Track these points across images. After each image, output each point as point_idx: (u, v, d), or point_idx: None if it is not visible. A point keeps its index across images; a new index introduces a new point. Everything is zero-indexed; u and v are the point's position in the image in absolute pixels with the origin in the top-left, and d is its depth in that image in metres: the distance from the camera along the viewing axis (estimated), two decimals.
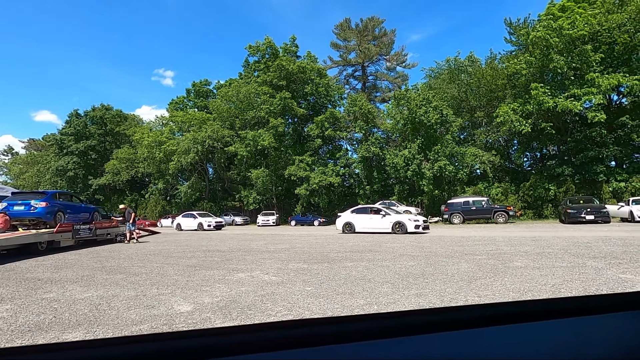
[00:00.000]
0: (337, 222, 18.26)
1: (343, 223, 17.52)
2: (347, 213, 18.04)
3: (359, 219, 17.11)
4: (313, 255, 9.18)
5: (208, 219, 26.28)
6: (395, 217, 16.46)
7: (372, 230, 16.51)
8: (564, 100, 21.69)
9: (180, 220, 27.55)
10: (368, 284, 5.22)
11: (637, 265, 5.96)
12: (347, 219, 17.55)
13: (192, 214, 27.57)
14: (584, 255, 7.36)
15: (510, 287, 4.72)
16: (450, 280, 5.32)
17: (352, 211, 18.04)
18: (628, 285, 4.63)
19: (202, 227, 25.62)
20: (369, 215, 16.99)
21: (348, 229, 17.23)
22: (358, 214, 17.47)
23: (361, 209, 18.21)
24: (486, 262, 7.01)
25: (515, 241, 11.06)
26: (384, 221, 16.27)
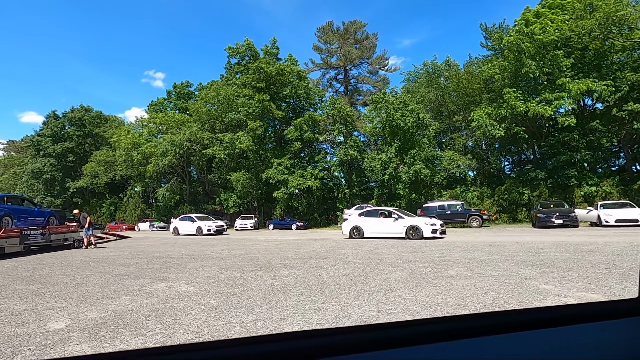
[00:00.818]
0: (343, 226, 16.88)
1: (350, 227, 16.10)
2: (355, 216, 16.80)
3: (368, 223, 15.70)
4: (258, 262, 8.85)
5: (208, 223, 23.84)
6: (410, 220, 14.88)
7: (383, 235, 15.11)
8: (535, 105, 21.83)
9: (177, 224, 25.22)
10: (278, 296, 4.92)
11: (567, 275, 5.79)
12: (355, 222, 16.16)
13: (190, 217, 25.02)
14: (524, 263, 7.18)
15: (419, 301, 4.47)
16: (366, 292, 5.04)
17: (360, 214, 16.71)
18: (541, 297, 4.42)
19: (201, 232, 23.20)
20: (379, 219, 15.54)
21: (356, 234, 15.81)
22: (367, 217, 16.07)
23: (370, 212, 16.74)
24: (422, 270, 6.77)
25: (472, 247, 10.89)
26: (397, 225, 14.81)
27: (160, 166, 36.14)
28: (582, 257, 7.68)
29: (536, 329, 0.85)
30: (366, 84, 42.00)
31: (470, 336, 0.82)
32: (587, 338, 0.88)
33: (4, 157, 71.82)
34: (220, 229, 24.15)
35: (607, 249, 9.11)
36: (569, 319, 0.91)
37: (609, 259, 7.37)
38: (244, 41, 34.59)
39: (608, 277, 5.43)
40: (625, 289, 4.67)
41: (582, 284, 5.04)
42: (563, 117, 21.64)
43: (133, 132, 41.79)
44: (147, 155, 38.67)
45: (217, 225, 24.04)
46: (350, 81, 43.25)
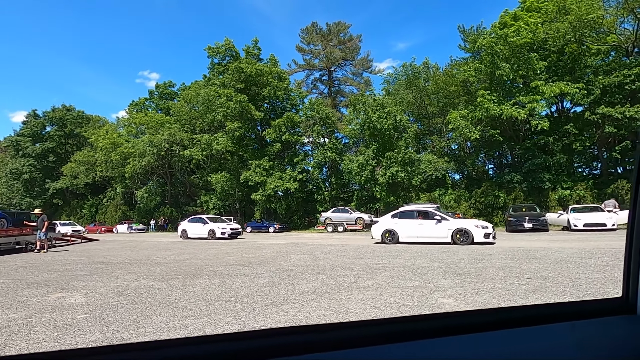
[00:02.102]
0: (372, 230, 14.63)
1: (382, 230, 13.93)
2: (387, 217, 14.46)
3: (403, 226, 13.56)
4: (190, 269, 8.40)
5: (221, 225, 20.81)
6: (456, 222, 12.94)
7: (423, 240, 13.05)
8: (508, 108, 21.65)
9: (186, 226, 22.20)
10: (159, 310, 4.51)
11: (482, 286, 5.44)
12: (388, 225, 13.96)
13: (201, 219, 21.90)
14: (454, 272, 6.84)
15: (298, 317, 4.08)
16: (254, 306, 4.64)
17: (392, 215, 14.35)
18: (430, 312, 4.05)
19: (214, 235, 20.09)
20: (418, 221, 13.38)
21: (389, 239, 13.66)
22: (401, 219, 13.83)
23: (405, 213, 14.29)
24: (341, 279, 6.39)
25: (423, 253, 10.55)
26: (440, 228, 12.80)
27: (138, 167, 35.42)
28: (519, 265, 7.36)
29: (522, 326, 0.85)
30: (349, 86, 41.78)
31: (453, 334, 0.80)
32: (572, 336, 0.87)
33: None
34: (236, 232, 21.30)
35: (554, 255, 8.82)
36: (555, 317, 0.90)
37: (544, 266, 7.06)
38: (224, 41, 34.13)
39: (520, 289, 5.09)
40: (524, 301, 4.32)
41: (487, 297, 4.69)
42: (536, 120, 21.47)
43: (112, 132, 40.95)
44: (126, 156, 37.97)
45: (232, 227, 21.20)
46: (334, 83, 42.97)
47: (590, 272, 6.30)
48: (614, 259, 7.86)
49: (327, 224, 27.07)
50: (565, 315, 0.94)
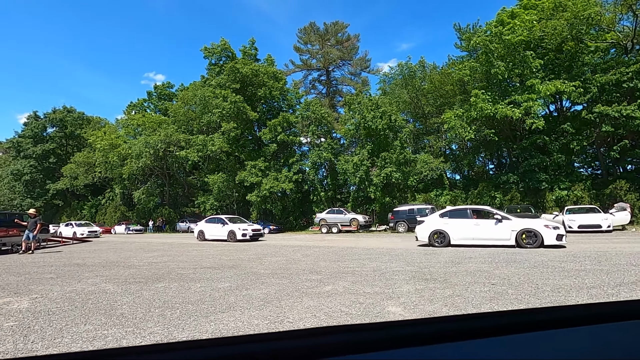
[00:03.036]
0: (417, 231, 13.02)
1: (430, 232, 12.40)
2: (434, 217, 12.86)
3: (455, 226, 12.02)
4: (160, 273, 8.20)
5: (242, 226, 19.11)
6: (522, 222, 11.35)
7: (480, 242, 11.58)
8: (503, 107, 21.24)
9: (203, 227, 20.68)
10: (87, 318, 4.31)
11: (441, 293, 5.18)
12: (436, 225, 12.40)
13: (220, 219, 20.24)
14: (423, 278, 6.58)
15: (227, 328, 3.85)
16: (191, 313, 4.43)
17: (441, 214, 12.69)
18: (372, 320, 3.80)
19: (234, 237, 18.51)
20: (473, 220, 11.83)
21: (439, 241, 12.19)
22: (453, 219, 12.25)
23: (457, 212, 12.66)
24: (303, 284, 6.15)
25: (400, 255, 10.28)
26: (502, 229, 11.23)
27: (135, 168, 35.44)
28: (492, 270, 7.08)
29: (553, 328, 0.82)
30: (347, 86, 41.48)
31: (484, 336, 0.78)
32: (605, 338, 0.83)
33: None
34: (257, 234, 19.57)
35: (535, 259, 8.51)
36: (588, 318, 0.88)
37: (518, 271, 6.77)
38: (220, 41, 34.02)
39: (478, 297, 4.82)
40: (476, 310, 4.05)
41: (438, 306, 4.43)
42: (531, 120, 21.04)
43: (110, 133, 41.05)
44: (124, 157, 38.04)
45: (254, 229, 19.49)
46: (332, 83, 42.71)
47: (561, 277, 6.00)
48: (595, 263, 7.54)
49: (321, 225, 26.84)
50: (597, 316, 0.89)
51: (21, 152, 50.20)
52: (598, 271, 6.50)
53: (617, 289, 4.96)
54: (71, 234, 28.70)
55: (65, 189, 49.10)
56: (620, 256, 8.49)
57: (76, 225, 30.61)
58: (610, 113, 19.97)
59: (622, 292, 4.79)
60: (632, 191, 20.82)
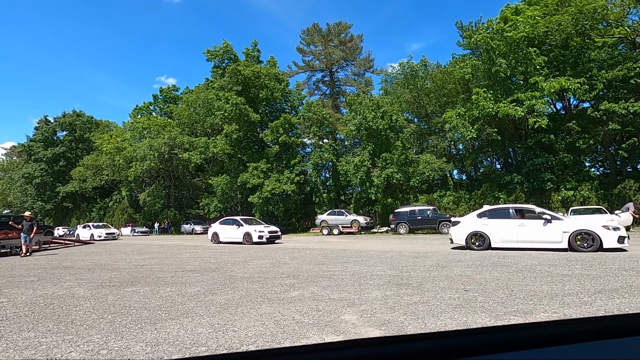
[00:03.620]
0: (452, 232, 11.90)
1: (468, 233, 11.22)
2: (471, 217, 11.62)
3: (496, 227, 10.83)
4: (139, 276, 8.12)
5: (258, 228, 18.14)
6: (576, 223, 10.25)
7: (525, 245, 10.44)
8: (505, 106, 20.70)
9: (217, 229, 19.63)
10: (25, 325, 4.21)
11: (406, 300, 4.93)
12: (475, 226, 11.16)
13: (235, 221, 19.21)
14: (393, 283, 6.33)
15: (168, 338, 3.69)
16: (133, 322, 4.28)
17: (479, 214, 11.41)
18: (332, 329, 3.59)
19: (250, 239, 17.56)
20: (517, 221, 10.64)
21: (478, 244, 11.01)
22: (493, 219, 11.02)
23: (497, 211, 11.31)
24: (271, 290, 5.97)
25: (377, 257, 10.02)
26: (552, 230, 10.08)
27: (139, 171, 35.81)
28: (474, 274, 6.78)
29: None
30: (351, 87, 41.16)
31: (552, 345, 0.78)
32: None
33: (4, 161, 73.10)
34: (275, 236, 18.47)
35: (524, 262, 8.18)
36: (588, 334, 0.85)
37: (499, 276, 6.47)
38: (222, 44, 34.14)
39: (443, 304, 4.56)
40: (435, 319, 3.80)
41: (396, 314, 4.20)
42: (534, 118, 20.45)
43: (116, 136, 41.63)
44: (130, 160, 38.50)
45: (271, 231, 18.39)
46: (335, 83, 42.49)
47: (542, 283, 5.69)
48: (586, 267, 7.18)
49: (322, 227, 26.63)
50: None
51: (32, 156, 51.30)
52: (584, 276, 6.16)
53: (594, 296, 4.64)
54: (88, 236, 28.29)
55: (75, 192, 49.92)
56: (616, 260, 8.08)
57: (93, 227, 29.85)
58: (617, 110, 19.27)
59: (598, 300, 4.48)
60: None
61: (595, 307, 4.14)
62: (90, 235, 28.20)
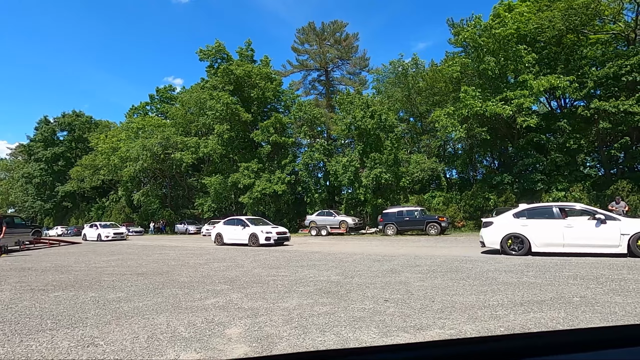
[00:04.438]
0: (483, 234, 10.52)
1: (503, 235, 9.90)
2: (507, 217, 10.26)
3: (538, 229, 9.53)
4: (91, 277, 7.92)
5: (265, 229, 16.79)
6: (637, 224, 8.89)
7: (574, 250, 9.12)
8: (493, 105, 20.17)
9: (221, 230, 18.36)
10: None
11: (316, 310, 4.62)
12: (511, 227, 9.86)
13: (240, 221, 17.87)
14: (322, 290, 6.02)
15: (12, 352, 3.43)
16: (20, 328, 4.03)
17: (516, 214, 10.10)
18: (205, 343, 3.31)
19: (257, 241, 16.27)
20: (563, 221, 9.42)
21: (516, 248, 9.69)
22: (532, 219, 9.74)
23: (538, 210, 10.07)
24: (189, 297, 5.70)
25: (339, 261, 9.69)
26: (607, 232, 8.84)
27: (132, 171, 35.88)
28: (415, 282, 6.44)
29: None
30: (346, 86, 40.70)
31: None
32: None
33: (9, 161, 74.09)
34: (283, 237, 17.11)
35: (480, 267, 7.81)
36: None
37: (441, 283, 6.12)
38: (215, 43, 33.98)
39: (320, 319, 4.24)
40: (303, 335, 3.49)
41: (286, 328, 3.89)
42: (522, 117, 19.88)
43: (111, 136, 41.79)
44: (124, 160, 38.59)
45: (279, 232, 17.06)
46: (331, 83, 42.14)
47: (474, 292, 5.33)
48: (538, 274, 6.79)
49: (311, 228, 26.35)
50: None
51: (32, 156, 51.79)
52: (525, 285, 5.78)
53: (509, 309, 4.28)
54: (95, 236, 26.90)
55: (74, 192, 50.30)
56: (577, 267, 7.66)
57: (101, 226, 28.02)
58: (607, 108, 18.63)
59: (511, 314, 4.11)
60: (634, 192, 19.42)
61: (502, 321, 3.79)
62: (98, 235, 26.80)
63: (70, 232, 44.30)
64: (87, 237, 27.62)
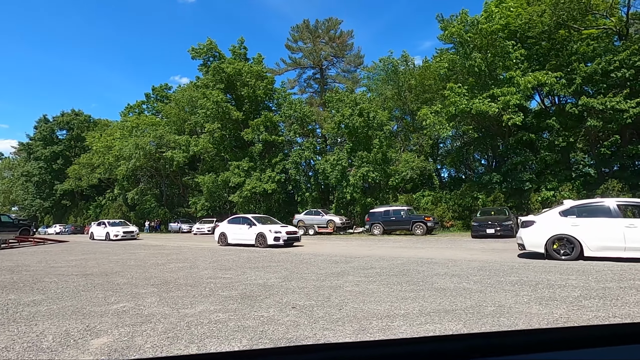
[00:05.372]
0: (523, 235, 9.04)
1: (549, 237, 8.53)
2: (551, 215, 8.88)
3: (592, 229, 8.19)
4: (28, 277, 7.76)
5: (274, 228, 15.35)
6: None
7: (638, 255, 7.72)
8: (479, 102, 19.68)
9: (225, 229, 16.99)
10: None
11: (213, 318, 4.37)
12: (558, 227, 8.52)
13: (246, 219, 16.51)
14: (245, 295, 5.77)
15: None
16: None
17: (563, 212, 8.70)
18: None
19: (264, 242, 14.88)
20: (624, 220, 8.18)
21: (564, 251, 8.36)
22: (584, 218, 8.43)
23: (591, 208, 8.69)
24: (106, 300, 5.48)
25: (297, 262, 9.43)
26: None
27: (124, 170, 35.95)
28: (349, 287, 6.16)
29: None
30: (340, 84, 40.29)
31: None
32: None
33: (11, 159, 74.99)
34: (293, 237, 15.69)
35: (429, 271, 7.49)
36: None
37: (377, 289, 5.83)
38: (206, 41, 33.83)
39: (198, 327, 3.98)
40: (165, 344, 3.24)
41: (156, 339, 3.64)
42: (508, 115, 19.37)
43: (106, 135, 41.93)
44: (119, 158, 38.71)
45: (289, 231, 15.62)
46: (326, 81, 41.78)
47: (389, 301, 5.04)
48: (484, 279, 6.45)
49: (299, 227, 26.10)
50: None
51: (32, 154, 52.24)
52: (457, 291, 5.47)
53: (412, 319, 3.98)
54: (104, 234, 24.95)
55: (72, 190, 50.62)
56: (534, 271, 7.30)
57: (109, 224, 25.93)
58: (595, 105, 18.04)
59: (407, 324, 3.82)
60: (625, 191, 18.84)
61: (381, 330, 3.50)
62: (106, 235, 24.81)
63: (68, 230, 44.64)
64: (95, 236, 25.74)
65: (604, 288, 5.31)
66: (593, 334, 0.94)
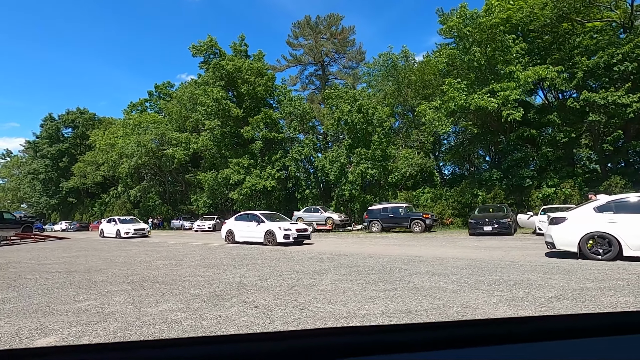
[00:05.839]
0: (553, 233, 8.33)
1: (583, 235, 7.86)
2: (585, 211, 8.18)
3: (631, 227, 7.48)
4: (11, 274, 7.80)
5: (284, 226, 14.66)
6: None
7: None
8: (478, 98, 19.30)
9: (232, 226, 16.35)
10: None
11: (170, 317, 4.29)
12: (593, 225, 7.83)
13: (254, 216, 15.88)
14: (213, 295, 5.69)
15: None
16: None
17: (598, 207, 7.97)
18: None
19: (274, 239, 14.26)
20: None
21: (600, 251, 7.69)
22: (622, 214, 7.67)
23: (629, 203, 7.91)
24: (76, 298, 5.44)
25: (281, 260, 9.34)
26: None
27: (126, 168, 36.21)
28: (329, 286, 6.05)
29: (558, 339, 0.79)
30: (342, 80, 40.03)
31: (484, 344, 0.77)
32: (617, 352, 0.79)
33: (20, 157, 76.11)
34: (303, 235, 15.03)
35: (413, 270, 7.34)
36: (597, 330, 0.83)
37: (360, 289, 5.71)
38: (207, 38, 33.79)
39: (154, 323, 3.90)
40: None
41: (113, 338, 3.57)
42: (508, 110, 18.97)
43: (109, 133, 42.25)
44: (122, 156, 38.99)
45: (299, 229, 14.94)
46: (328, 77, 41.55)
47: (356, 301, 4.91)
48: (456, 280, 6.30)
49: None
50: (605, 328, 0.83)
51: (38, 152, 52.89)
52: (429, 291, 5.33)
53: (356, 321, 3.86)
54: (114, 232, 24.16)
55: (78, 187, 51.19)
56: (517, 270, 7.12)
57: (120, 221, 24.93)
58: (596, 100, 17.58)
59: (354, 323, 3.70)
60: (628, 188, 18.37)
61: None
62: (117, 232, 23.99)
63: (73, 227, 45.22)
64: (105, 234, 25.00)
65: (582, 288, 5.12)
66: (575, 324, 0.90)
